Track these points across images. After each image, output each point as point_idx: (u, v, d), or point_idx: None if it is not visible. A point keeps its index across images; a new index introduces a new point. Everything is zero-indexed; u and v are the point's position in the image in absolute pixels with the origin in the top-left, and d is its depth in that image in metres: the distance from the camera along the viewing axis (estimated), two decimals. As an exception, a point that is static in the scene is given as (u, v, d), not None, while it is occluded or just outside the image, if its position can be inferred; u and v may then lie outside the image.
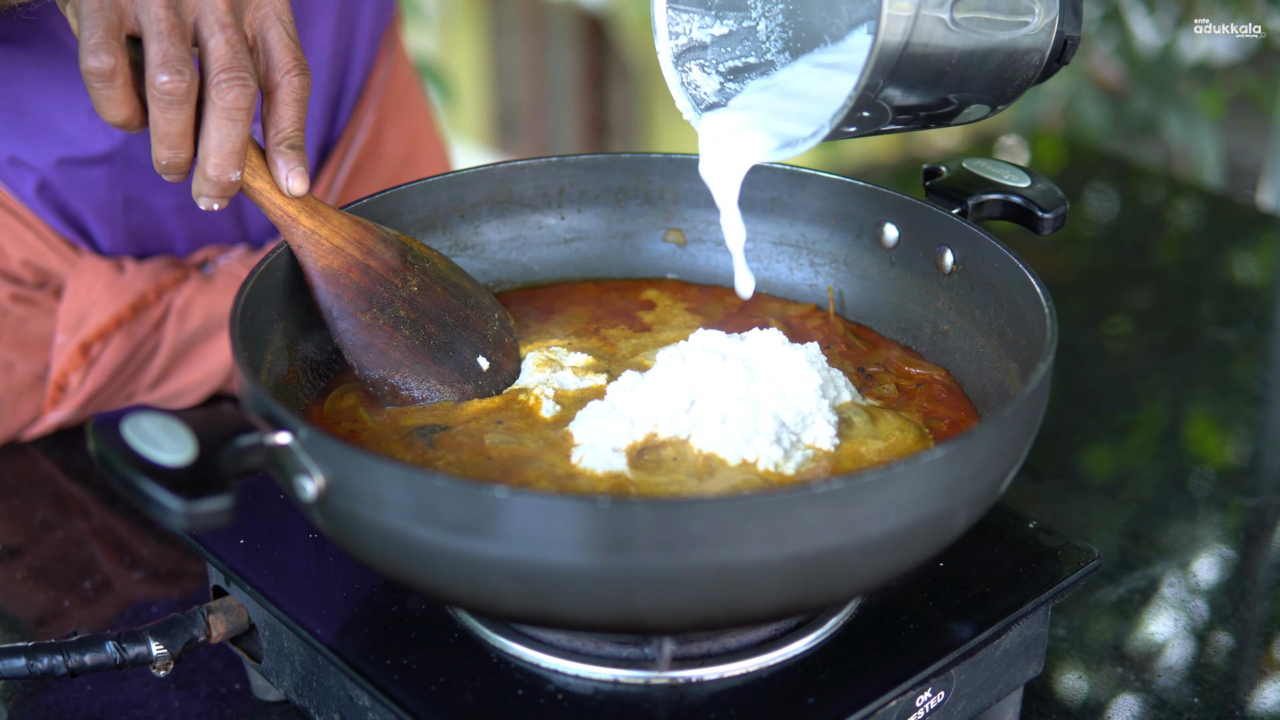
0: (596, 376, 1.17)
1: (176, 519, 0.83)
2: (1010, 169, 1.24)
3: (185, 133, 1.04)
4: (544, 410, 1.13)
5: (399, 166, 1.75)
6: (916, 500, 0.90)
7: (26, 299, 1.51)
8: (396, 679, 1.00)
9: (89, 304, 1.51)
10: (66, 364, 1.51)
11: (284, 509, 1.17)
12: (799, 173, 1.29)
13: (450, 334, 1.18)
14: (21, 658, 1.07)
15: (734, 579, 0.88)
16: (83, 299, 1.51)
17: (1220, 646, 1.32)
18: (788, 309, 1.29)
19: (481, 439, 1.10)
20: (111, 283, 1.51)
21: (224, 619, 1.12)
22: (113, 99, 1.03)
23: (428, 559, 0.90)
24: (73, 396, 1.52)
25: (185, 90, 1.02)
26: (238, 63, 1.04)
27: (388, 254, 1.16)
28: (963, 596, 1.08)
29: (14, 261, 1.51)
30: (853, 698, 0.99)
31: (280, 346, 1.13)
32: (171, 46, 1.02)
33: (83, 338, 1.51)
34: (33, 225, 1.50)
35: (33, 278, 1.52)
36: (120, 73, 1.02)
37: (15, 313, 1.50)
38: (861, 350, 1.24)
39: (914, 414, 1.15)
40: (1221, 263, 2.14)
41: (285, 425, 0.90)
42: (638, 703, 0.98)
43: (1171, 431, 1.70)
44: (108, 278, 1.51)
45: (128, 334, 1.52)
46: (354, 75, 1.66)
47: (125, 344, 1.52)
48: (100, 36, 1.01)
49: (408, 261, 1.17)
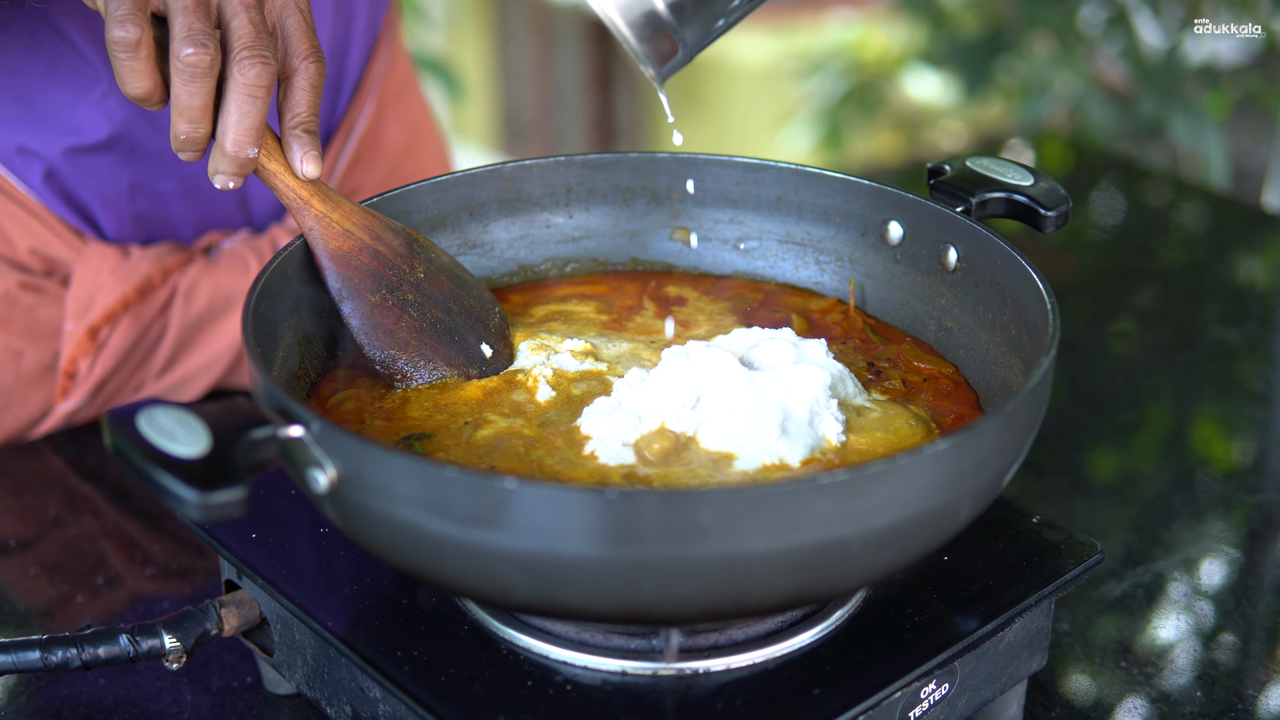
0: (597, 363, 1.19)
1: (192, 510, 0.84)
2: (1014, 168, 1.25)
3: (206, 107, 1.07)
4: (540, 394, 1.15)
5: (399, 155, 1.77)
6: (920, 492, 0.91)
7: (35, 287, 1.52)
8: (407, 670, 1.01)
9: (95, 289, 1.52)
10: (75, 350, 1.52)
11: (295, 503, 1.18)
12: (804, 171, 1.30)
13: (455, 320, 1.20)
14: (36, 650, 1.08)
15: (740, 569, 0.89)
16: (89, 285, 1.52)
17: (1224, 643, 1.33)
18: (809, 303, 1.30)
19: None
20: (117, 267, 1.53)
21: (236, 612, 1.13)
22: (136, 70, 1.06)
23: (439, 550, 0.91)
24: (82, 383, 1.54)
25: (209, 64, 1.05)
26: (260, 42, 1.07)
27: (395, 241, 1.18)
28: (967, 590, 1.09)
29: (21, 250, 1.52)
30: (858, 689, 1.00)
31: (292, 342, 1.14)
32: (196, 21, 1.05)
33: (90, 322, 1.52)
34: (39, 214, 1.51)
35: (40, 266, 1.53)
36: (145, 45, 1.05)
37: (24, 301, 1.52)
38: (876, 345, 1.24)
39: (921, 408, 1.16)
40: (1226, 264, 2.15)
41: (298, 419, 0.91)
42: (645, 694, 0.99)
43: (1176, 430, 1.71)
44: (114, 262, 1.53)
45: (135, 317, 1.53)
46: (352, 61, 1.68)
47: (132, 327, 1.53)
48: (128, 9, 1.04)
49: (414, 250, 1.20)
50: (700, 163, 1.32)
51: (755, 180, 1.32)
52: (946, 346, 1.23)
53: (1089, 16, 3.54)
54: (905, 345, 1.24)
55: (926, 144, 4.46)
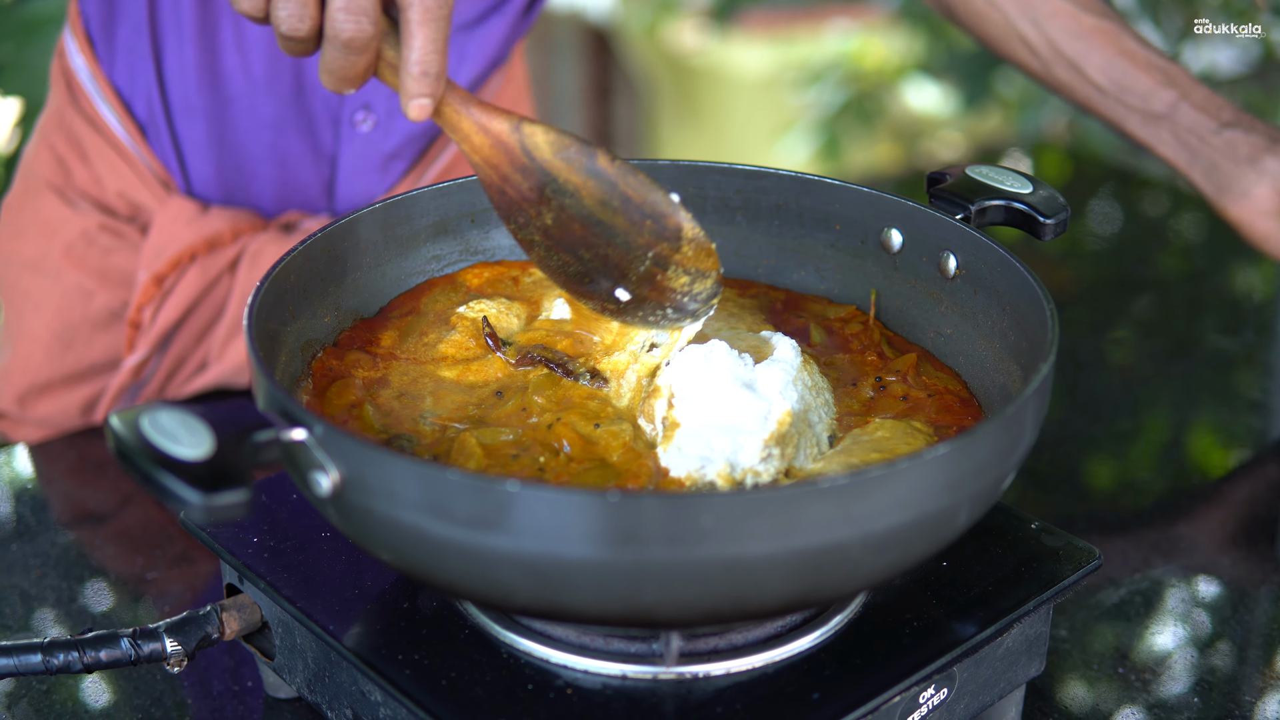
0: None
1: (195, 511, 0.84)
2: (1013, 175, 1.26)
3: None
4: None
5: None
6: (919, 496, 0.92)
7: (114, 230, 1.57)
8: (408, 674, 1.01)
9: (170, 239, 1.55)
10: (141, 297, 1.55)
11: (297, 507, 1.18)
12: (804, 179, 1.30)
13: (586, 266, 1.16)
14: (38, 654, 1.08)
15: (741, 573, 0.89)
16: (165, 234, 1.56)
17: (1221, 650, 1.33)
18: (828, 310, 1.30)
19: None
20: (193, 219, 1.56)
21: (237, 616, 1.13)
22: None
23: (441, 553, 0.92)
24: (146, 335, 1.56)
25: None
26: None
27: (524, 185, 1.13)
28: (966, 595, 1.10)
29: (110, 192, 1.57)
30: (857, 694, 1.00)
31: (294, 346, 1.14)
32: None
33: (157, 269, 1.54)
34: (130, 159, 1.57)
35: (125, 210, 1.58)
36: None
37: (101, 242, 1.56)
38: (890, 358, 1.23)
39: (922, 423, 1.15)
40: (1223, 273, 2.15)
41: (301, 421, 0.92)
42: (645, 697, 1.00)
43: (1173, 439, 1.71)
44: (190, 214, 1.56)
45: (201, 269, 1.56)
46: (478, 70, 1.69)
47: (198, 279, 1.55)
48: None
49: (545, 195, 1.13)
50: (700, 170, 1.32)
51: (755, 188, 1.32)
52: (945, 354, 1.24)
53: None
54: (913, 358, 1.23)
55: (925, 154, 4.47)
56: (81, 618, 1.32)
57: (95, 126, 1.61)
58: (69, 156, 1.62)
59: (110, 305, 1.58)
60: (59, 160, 1.63)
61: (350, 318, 1.22)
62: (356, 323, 1.22)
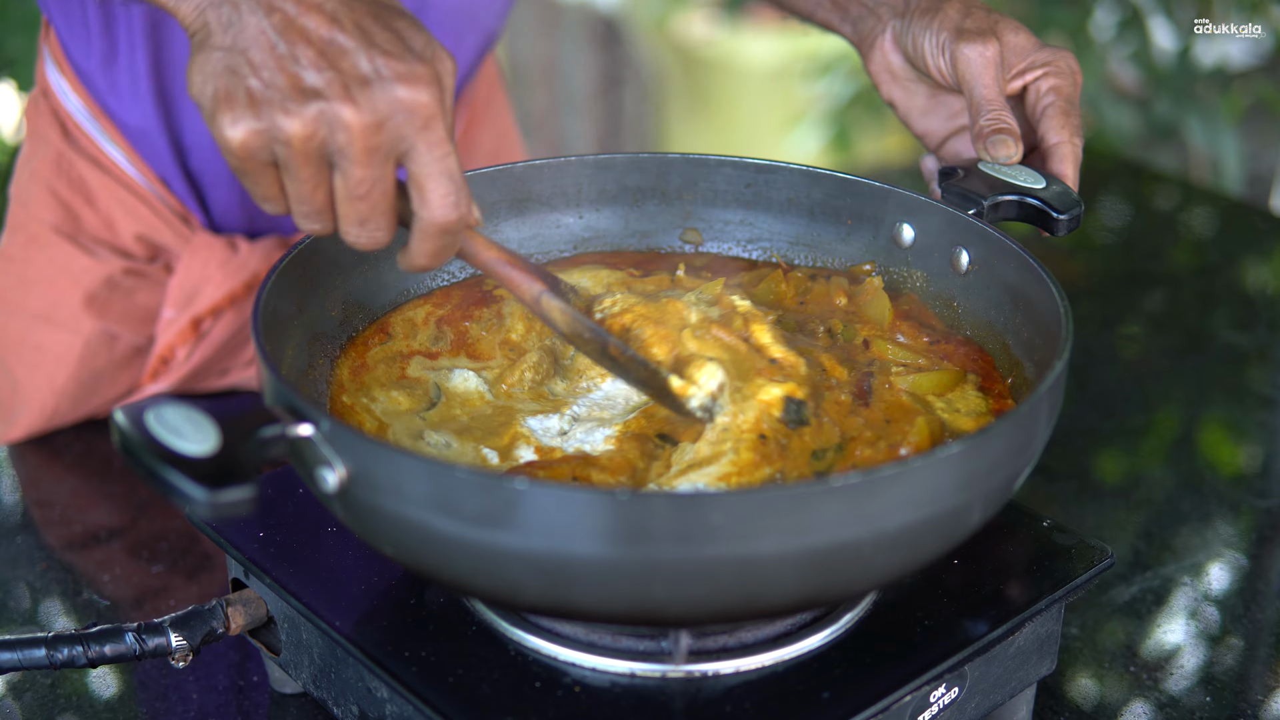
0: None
1: (200, 508, 0.84)
2: (1026, 171, 1.25)
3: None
4: None
5: (487, 161, 1.79)
6: (932, 495, 0.91)
7: (137, 272, 1.54)
8: (415, 670, 1.00)
9: (203, 280, 1.53)
10: (175, 339, 1.53)
11: (303, 503, 1.17)
12: (817, 173, 1.29)
13: None
14: (42, 648, 1.08)
15: (751, 571, 0.89)
16: (196, 275, 1.54)
17: (1231, 647, 1.32)
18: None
19: None
20: (226, 260, 1.54)
21: (242, 611, 1.13)
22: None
23: (448, 550, 0.91)
24: (176, 370, 1.55)
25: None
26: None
27: None
28: (977, 593, 1.09)
29: (126, 237, 1.54)
30: (868, 693, 1.00)
31: (302, 341, 1.13)
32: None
33: (195, 313, 1.53)
34: (148, 200, 1.53)
35: (144, 253, 1.55)
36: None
37: (124, 285, 1.54)
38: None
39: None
40: (1235, 268, 2.14)
41: (307, 417, 0.91)
42: (654, 695, 0.99)
43: (1184, 434, 1.70)
44: (222, 255, 1.54)
45: (238, 311, 1.55)
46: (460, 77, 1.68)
47: (235, 320, 1.55)
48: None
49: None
50: (712, 164, 1.32)
51: (767, 181, 1.31)
52: (957, 349, 1.23)
53: (1101, 19, 3.53)
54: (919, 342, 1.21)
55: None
56: (87, 611, 1.32)
57: (101, 167, 1.55)
58: (74, 201, 1.56)
59: (135, 342, 1.55)
60: (64, 206, 1.56)
61: (357, 310, 1.21)
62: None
